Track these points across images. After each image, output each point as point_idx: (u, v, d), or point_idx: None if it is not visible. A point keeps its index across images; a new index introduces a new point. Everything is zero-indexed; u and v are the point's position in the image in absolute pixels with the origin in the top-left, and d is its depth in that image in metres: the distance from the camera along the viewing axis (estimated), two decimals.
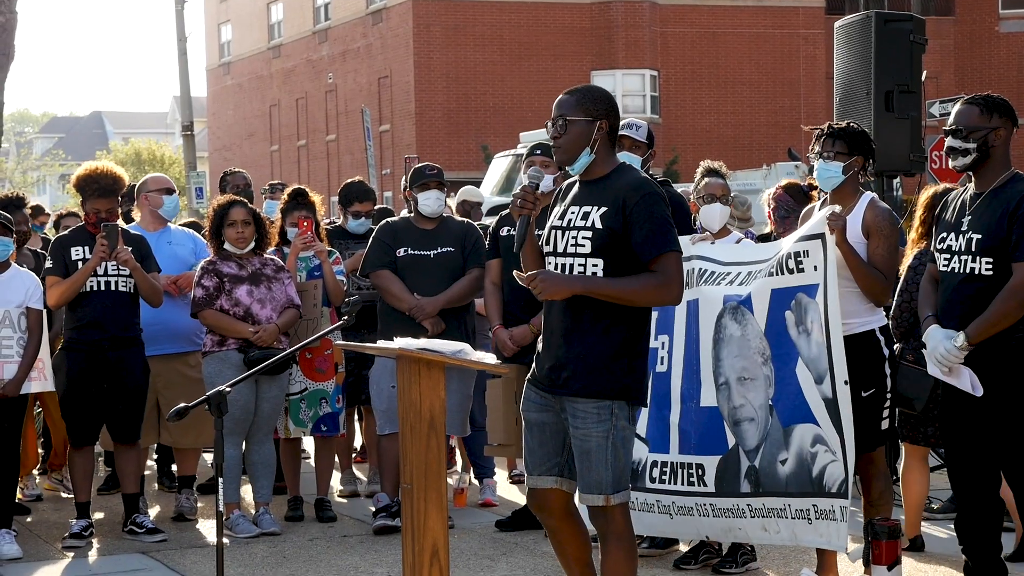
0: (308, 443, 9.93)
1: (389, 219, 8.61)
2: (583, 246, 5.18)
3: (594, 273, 5.16)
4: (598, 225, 5.16)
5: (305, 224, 8.56)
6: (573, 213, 5.26)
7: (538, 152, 7.78)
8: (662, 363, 6.83)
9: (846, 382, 6.12)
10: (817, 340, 6.21)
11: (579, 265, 5.19)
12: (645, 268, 5.15)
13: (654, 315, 6.69)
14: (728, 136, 40.32)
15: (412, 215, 8.41)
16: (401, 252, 8.23)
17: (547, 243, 5.32)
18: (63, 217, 10.97)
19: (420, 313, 8.06)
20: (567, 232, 5.24)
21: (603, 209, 5.17)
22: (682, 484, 6.65)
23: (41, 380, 7.86)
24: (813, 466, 6.23)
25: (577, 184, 5.36)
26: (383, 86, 41.60)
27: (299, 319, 8.31)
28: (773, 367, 6.40)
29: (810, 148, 6.61)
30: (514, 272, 5.31)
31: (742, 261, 6.75)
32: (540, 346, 5.37)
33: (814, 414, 6.24)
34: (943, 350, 5.81)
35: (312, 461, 9.51)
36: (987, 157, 5.85)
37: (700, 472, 6.62)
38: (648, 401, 6.69)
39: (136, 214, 9.05)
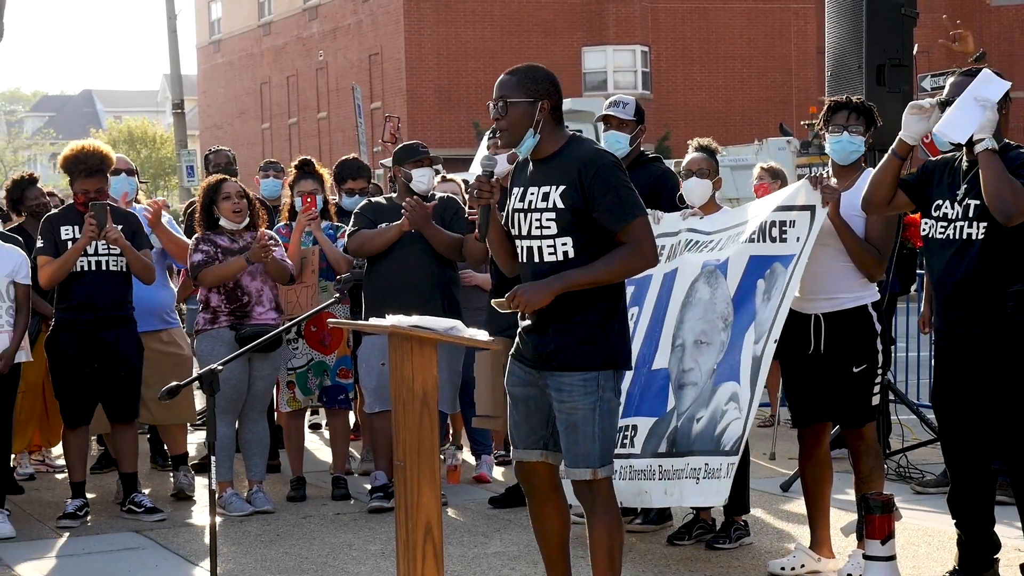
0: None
1: (372, 199, 8.53)
2: (548, 228, 5.12)
3: (564, 252, 5.10)
4: (560, 204, 5.10)
5: (309, 200, 8.53)
6: (532, 194, 5.18)
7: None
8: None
9: (775, 341, 6.17)
10: (773, 306, 6.24)
11: (548, 247, 5.14)
12: (614, 238, 5.11)
13: (629, 288, 6.70)
14: (719, 112, 40.26)
15: (395, 195, 8.33)
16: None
17: (512, 226, 5.28)
18: None
19: (411, 210, 7.87)
20: (529, 214, 5.18)
21: (561, 187, 5.11)
22: (617, 447, 6.62)
23: (25, 350, 7.86)
24: (720, 423, 6.27)
25: (530, 163, 5.26)
26: (374, 63, 41.50)
27: (289, 273, 8.22)
28: (731, 333, 6.42)
29: (819, 120, 6.59)
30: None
31: (724, 227, 6.78)
32: (523, 322, 5.31)
33: (740, 371, 6.27)
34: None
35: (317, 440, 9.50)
36: None
37: (632, 433, 6.60)
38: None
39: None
